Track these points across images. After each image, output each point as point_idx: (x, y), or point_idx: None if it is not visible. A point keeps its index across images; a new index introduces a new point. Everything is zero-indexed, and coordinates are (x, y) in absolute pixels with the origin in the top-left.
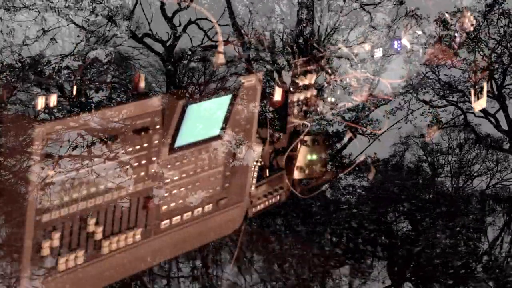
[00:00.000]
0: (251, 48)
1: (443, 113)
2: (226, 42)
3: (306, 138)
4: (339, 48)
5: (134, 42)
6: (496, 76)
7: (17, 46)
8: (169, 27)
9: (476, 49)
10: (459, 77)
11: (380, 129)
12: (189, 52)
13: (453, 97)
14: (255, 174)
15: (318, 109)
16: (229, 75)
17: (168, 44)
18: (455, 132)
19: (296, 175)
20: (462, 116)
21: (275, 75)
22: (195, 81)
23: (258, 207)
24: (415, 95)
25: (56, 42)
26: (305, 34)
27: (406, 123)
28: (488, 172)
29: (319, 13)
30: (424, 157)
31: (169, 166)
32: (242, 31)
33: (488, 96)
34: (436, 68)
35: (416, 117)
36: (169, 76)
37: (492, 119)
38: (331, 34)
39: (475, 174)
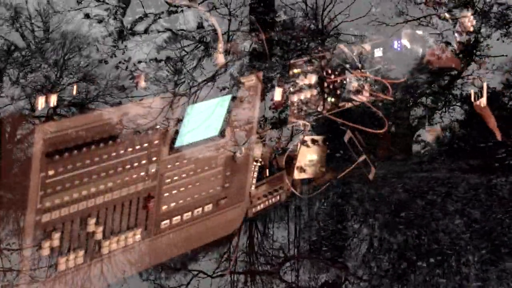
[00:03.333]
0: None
1: None
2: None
3: (306, 138)
4: (339, 35)
5: None
6: None
7: None
8: None
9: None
10: None
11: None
12: None
13: None
14: (255, 174)
15: (319, 108)
16: (229, 74)
17: None
18: None
19: (296, 175)
20: None
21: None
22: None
23: (258, 207)
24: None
25: None
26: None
27: None
28: None
29: None
30: None
31: (169, 166)
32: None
33: None
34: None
35: None
36: None
37: None
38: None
39: None
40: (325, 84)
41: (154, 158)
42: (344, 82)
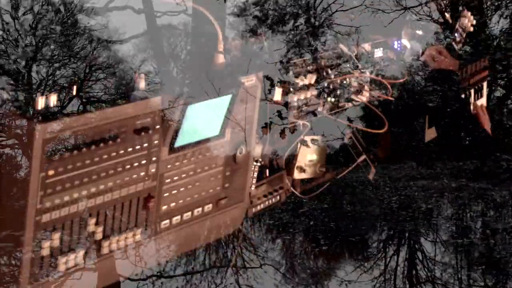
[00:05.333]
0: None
1: None
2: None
3: (306, 138)
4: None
5: None
6: None
7: None
8: None
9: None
10: None
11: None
12: None
13: None
14: (255, 174)
15: (319, 108)
16: (229, 74)
17: None
18: None
19: (296, 175)
20: None
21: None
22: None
23: (258, 207)
24: None
25: None
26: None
27: None
28: None
29: None
30: None
31: (169, 166)
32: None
33: None
34: None
35: None
36: None
37: None
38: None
39: None
40: (325, 84)
41: (154, 158)
42: (344, 82)
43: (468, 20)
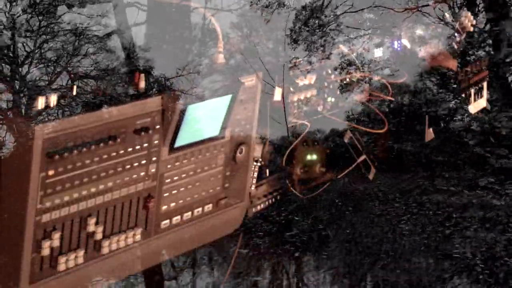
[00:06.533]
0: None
1: None
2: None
3: (306, 138)
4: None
5: None
6: None
7: None
8: None
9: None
10: None
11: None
12: None
13: None
14: (255, 174)
15: (319, 109)
16: (229, 74)
17: None
18: None
19: (296, 175)
20: None
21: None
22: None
23: (258, 207)
24: None
25: None
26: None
27: None
28: None
29: None
30: None
31: (169, 166)
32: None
33: None
34: None
35: None
36: None
37: None
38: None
39: None
40: (325, 84)
41: (154, 158)
42: (344, 82)
43: (468, 20)
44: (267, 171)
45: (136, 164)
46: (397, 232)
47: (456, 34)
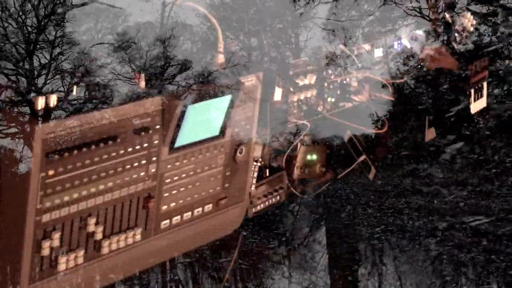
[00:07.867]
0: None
1: None
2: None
3: (306, 138)
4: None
5: None
6: None
7: None
8: None
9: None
10: None
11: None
12: None
13: None
14: (255, 174)
15: (319, 108)
16: (229, 74)
17: None
18: None
19: (296, 175)
20: None
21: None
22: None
23: (258, 207)
24: None
25: None
26: None
27: None
28: None
29: None
30: None
31: (169, 166)
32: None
33: None
34: None
35: None
36: None
37: None
38: None
39: None
40: (325, 84)
41: (154, 158)
42: (344, 82)
43: (468, 20)
44: (267, 171)
45: (136, 164)
46: None
47: (456, 34)
